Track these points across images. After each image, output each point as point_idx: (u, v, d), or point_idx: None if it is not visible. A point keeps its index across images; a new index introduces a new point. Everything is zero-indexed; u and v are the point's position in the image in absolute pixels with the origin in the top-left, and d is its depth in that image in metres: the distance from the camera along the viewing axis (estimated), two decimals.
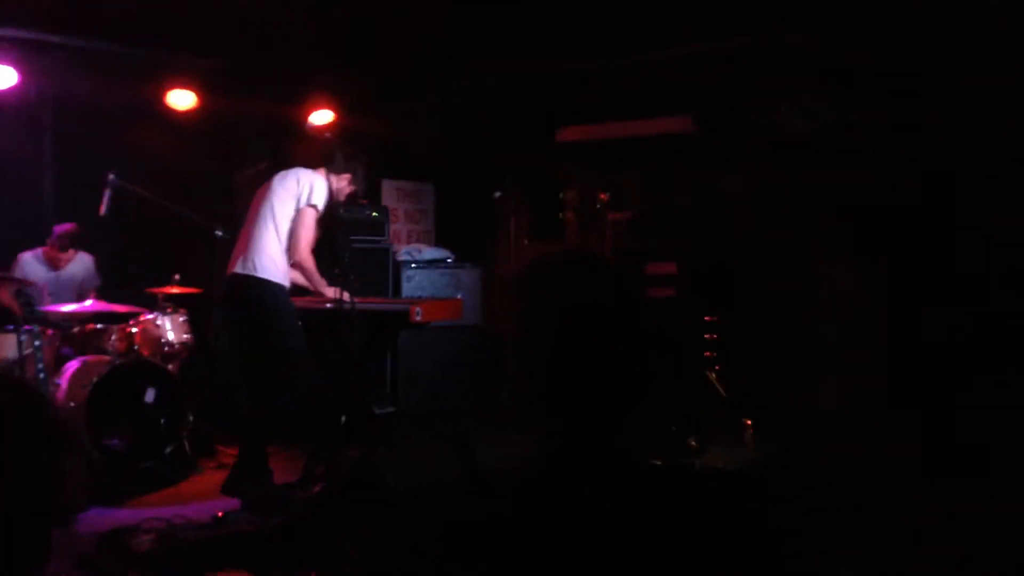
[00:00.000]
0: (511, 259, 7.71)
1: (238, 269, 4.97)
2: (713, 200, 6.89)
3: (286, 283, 5.02)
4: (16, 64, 6.17)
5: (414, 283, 7.16)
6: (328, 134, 5.33)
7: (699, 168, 6.96)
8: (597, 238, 7.51)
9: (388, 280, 7.12)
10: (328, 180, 5.14)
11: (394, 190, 8.19)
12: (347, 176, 5.24)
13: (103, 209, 5.79)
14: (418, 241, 8.07)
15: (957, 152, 5.14)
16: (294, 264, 5.06)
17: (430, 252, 7.45)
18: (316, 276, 5.14)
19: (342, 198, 5.29)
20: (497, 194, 6.66)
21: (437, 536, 1.32)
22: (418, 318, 5.12)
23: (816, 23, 5.56)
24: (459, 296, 6.80)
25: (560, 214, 7.98)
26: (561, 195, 7.99)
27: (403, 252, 7.39)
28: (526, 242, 7.72)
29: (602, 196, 7.28)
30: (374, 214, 7.23)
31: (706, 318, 6.51)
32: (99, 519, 4.68)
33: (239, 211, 5.39)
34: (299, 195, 5.01)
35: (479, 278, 7.36)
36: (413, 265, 7.23)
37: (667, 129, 6.93)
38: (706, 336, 6.48)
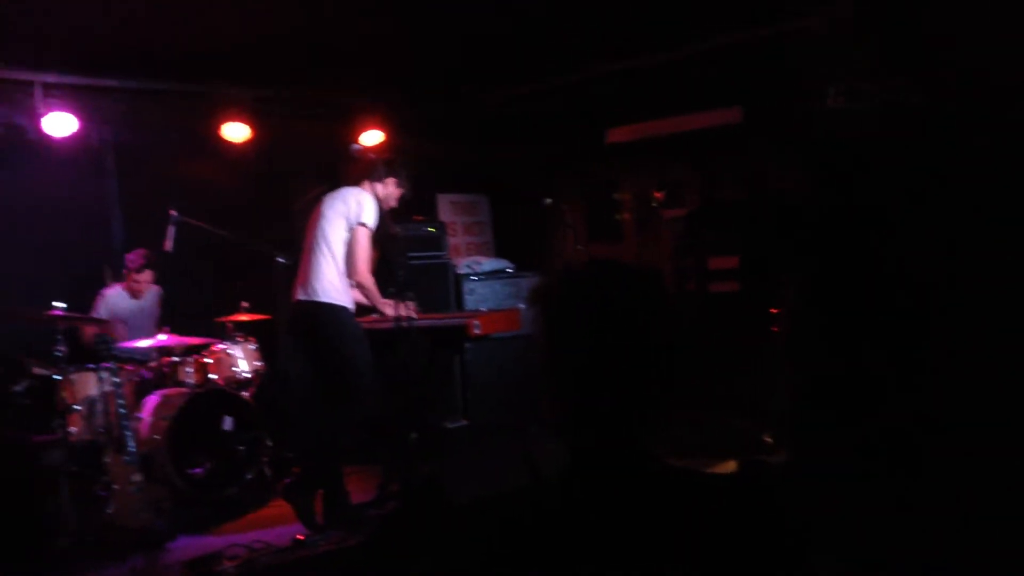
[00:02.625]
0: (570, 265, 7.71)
1: (300, 296, 5.08)
2: (768, 191, 6.82)
3: (349, 304, 5.11)
4: (76, 110, 6.38)
5: (476, 295, 7.21)
6: (371, 152, 5.41)
7: (751, 159, 6.90)
8: (654, 237, 7.49)
9: (450, 294, 7.18)
10: (374, 192, 5.21)
11: (449, 204, 8.26)
12: (392, 180, 5.30)
13: (168, 244, 5.97)
14: (477, 253, 8.13)
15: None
16: (354, 285, 5.14)
17: (489, 264, 7.50)
18: (376, 295, 5.22)
19: (394, 203, 5.35)
20: (547, 201, 6.68)
21: (495, 546, 1.36)
22: (477, 331, 5.16)
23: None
24: (520, 306, 6.83)
25: (616, 216, 7.98)
26: (616, 196, 7.98)
27: (463, 265, 7.44)
28: (583, 246, 7.72)
29: (656, 194, 7.25)
30: (431, 229, 7.31)
31: (772, 311, 6.43)
32: (186, 547, 4.83)
33: (298, 236, 5.51)
34: (348, 215, 5.09)
35: None
36: (473, 278, 7.28)
37: (716, 122, 6.88)
38: (774, 329, 6.40)
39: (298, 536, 4.44)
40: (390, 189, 5.30)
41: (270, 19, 5.68)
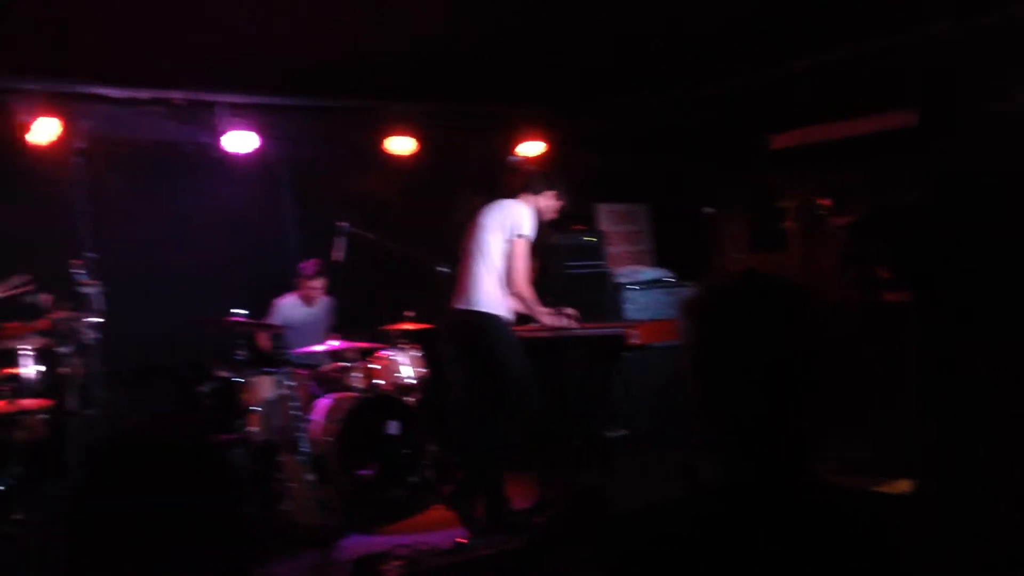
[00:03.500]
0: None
1: (459, 305, 5.20)
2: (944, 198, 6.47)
3: (505, 314, 5.19)
4: (254, 128, 6.76)
5: (635, 305, 7.18)
6: (529, 164, 5.48)
7: (926, 164, 6.58)
8: (821, 246, 7.26)
9: (609, 304, 7.17)
10: (533, 204, 5.27)
11: (608, 213, 8.27)
12: (551, 193, 5.34)
13: (338, 255, 6.23)
14: (636, 263, 8.09)
15: None
16: (512, 295, 5.22)
17: (649, 273, 7.45)
18: (535, 306, 5.27)
19: (553, 215, 5.41)
20: (708, 209, 6.58)
21: (653, 557, 1.36)
22: (635, 341, 5.14)
23: None
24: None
25: (780, 224, 7.78)
26: (780, 204, 7.78)
27: (622, 275, 7.42)
28: (745, 256, 7.56)
29: (824, 202, 7.03)
30: (589, 239, 7.33)
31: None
32: (355, 545, 5.02)
33: (459, 247, 5.64)
34: (506, 227, 5.17)
35: None
36: (633, 287, 7.25)
37: (888, 125, 6.61)
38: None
39: (459, 539, 4.54)
40: (549, 202, 5.36)
41: (432, 35, 5.85)
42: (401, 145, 7.25)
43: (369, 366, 6.23)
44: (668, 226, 8.34)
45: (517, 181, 5.43)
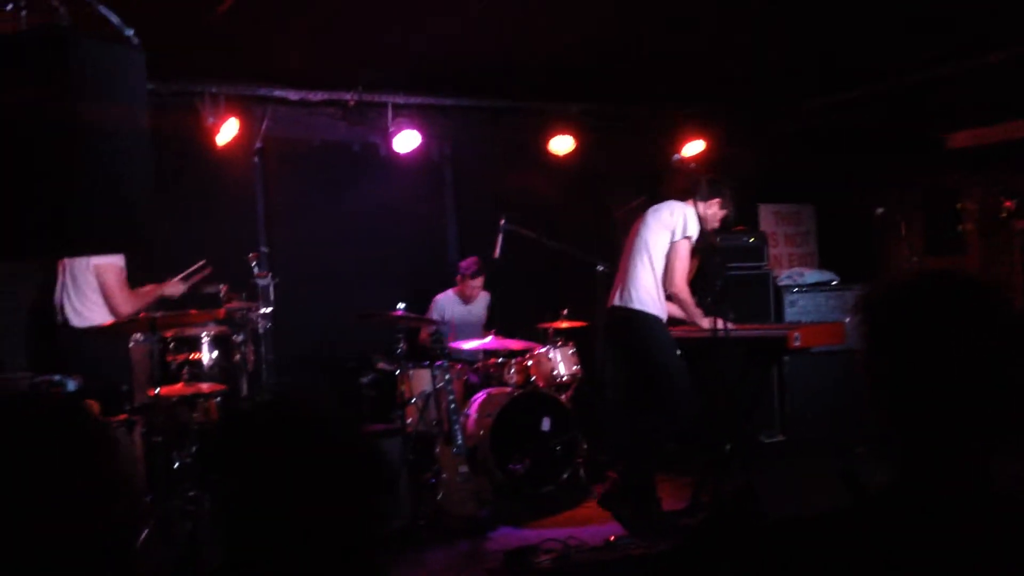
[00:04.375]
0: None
1: (616, 302, 5.20)
2: None
3: (662, 315, 5.16)
4: (420, 127, 6.95)
5: (797, 308, 6.97)
6: (693, 165, 5.40)
7: None
8: (1003, 249, 6.83)
9: (769, 306, 7.00)
10: (697, 209, 5.21)
11: (772, 214, 8.05)
12: (716, 201, 5.27)
13: (497, 252, 6.33)
14: (800, 265, 7.85)
15: None
16: (670, 296, 5.18)
17: (813, 275, 7.22)
18: (692, 308, 5.23)
19: (716, 224, 5.34)
20: (879, 210, 6.30)
21: (808, 566, 1.30)
22: (797, 344, 4.99)
23: None
24: (846, 320, 6.50)
25: (958, 226, 7.37)
26: (958, 206, 7.37)
27: (784, 277, 7.23)
28: (919, 258, 7.20)
29: (1007, 203, 6.61)
30: (751, 240, 7.16)
31: None
32: (505, 537, 5.09)
33: (618, 246, 5.63)
34: (672, 228, 5.14)
35: None
36: (795, 289, 7.04)
37: None
38: None
39: (610, 537, 4.52)
40: (713, 209, 5.28)
41: (596, 36, 5.86)
42: (562, 144, 7.30)
43: (524, 363, 6.29)
44: (835, 228, 8.04)
45: (682, 183, 5.39)
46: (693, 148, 7.26)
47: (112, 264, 5.37)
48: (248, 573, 1.36)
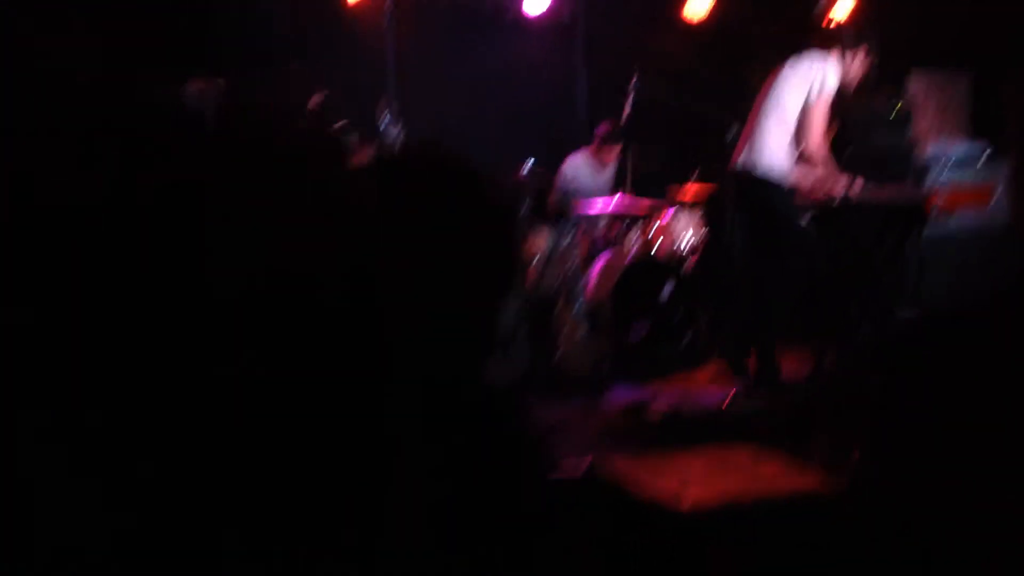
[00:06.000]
0: None
1: (740, 161, 4.99)
2: None
3: (788, 175, 4.92)
4: None
5: (943, 181, 6.58)
6: (836, 15, 5.07)
7: None
8: None
9: (913, 179, 6.62)
10: (841, 62, 4.90)
11: (922, 81, 7.54)
12: (860, 52, 4.93)
13: (626, 114, 6.18)
14: (949, 136, 7.37)
15: None
16: (803, 155, 4.94)
17: (962, 148, 6.78)
18: (827, 168, 4.97)
19: (859, 76, 5.02)
20: None
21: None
22: (939, 206, 4.71)
23: None
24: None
25: None
26: None
27: (931, 150, 6.82)
28: None
29: None
30: (897, 107, 6.75)
31: None
32: (622, 395, 5.12)
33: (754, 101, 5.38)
34: (812, 81, 4.85)
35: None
36: (942, 163, 6.64)
37: None
38: None
39: (727, 395, 4.50)
40: (857, 60, 4.95)
41: None
42: (700, 4, 6.99)
43: (650, 227, 6.20)
44: (992, 98, 7.48)
45: (825, 37, 5.08)
46: (842, 7, 6.82)
47: None
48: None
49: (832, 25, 5.04)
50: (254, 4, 6.16)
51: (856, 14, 5.96)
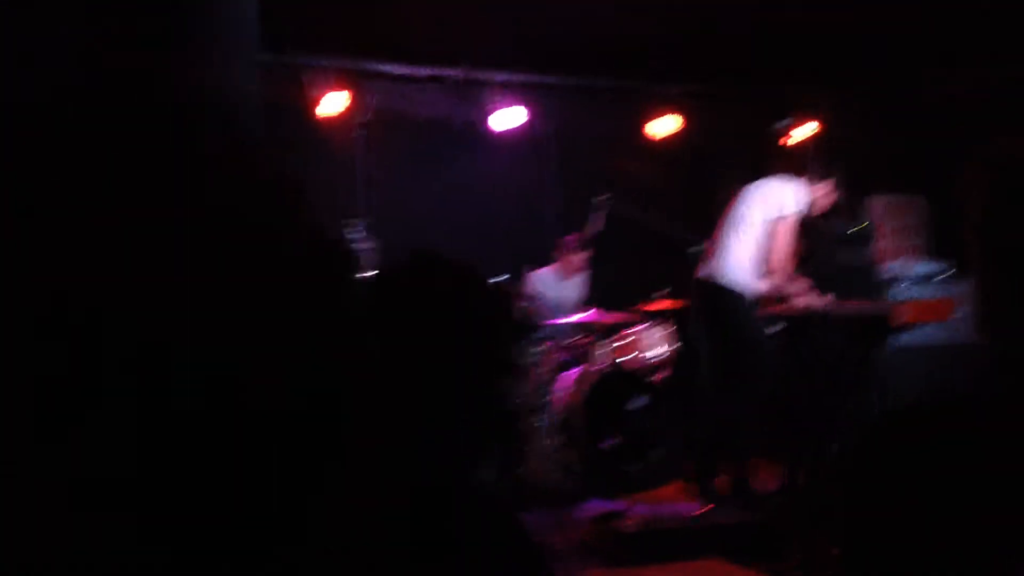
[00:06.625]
0: None
1: (703, 272, 5.07)
2: None
3: (751, 290, 5.00)
4: (526, 103, 6.96)
5: (903, 299, 6.70)
6: (804, 144, 5.28)
7: None
8: None
9: (874, 297, 6.74)
10: (809, 189, 5.05)
11: (881, 205, 7.77)
12: (826, 184, 5.10)
13: (596, 229, 6.29)
14: (908, 257, 7.55)
15: None
16: (768, 274, 5.02)
17: (922, 267, 6.94)
18: (788, 287, 5.06)
19: (825, 207, 5.17)
20: None
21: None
22: (901, 320, 4.80)
23: None
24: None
25: None
26: None
27: (891, 268, 6.97)
28: None
29: None
30: (858, 229, 6.93)
31: None
32: (592, 508, 5.04)
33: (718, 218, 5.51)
34: (780, 204, 4.98)
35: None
36: (903, 282, 6.78)
37: None
38: None
39: (697, 512, 4.44)
40: (821, 194, 5.12)
41: (699, 16, 5.77)
42: (665, 125, 7.21)
43: (618, 341, 6.23)
44: (948, 220, 7.69)
45: (792, 163, 5.25)
46: (804, 131, 7.07)
47: None
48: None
49: (796, 148, 5.22)
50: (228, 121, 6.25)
51: (818, 138, 6.17)
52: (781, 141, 5.30)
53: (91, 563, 1.11)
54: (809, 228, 5.22)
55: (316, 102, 6.59)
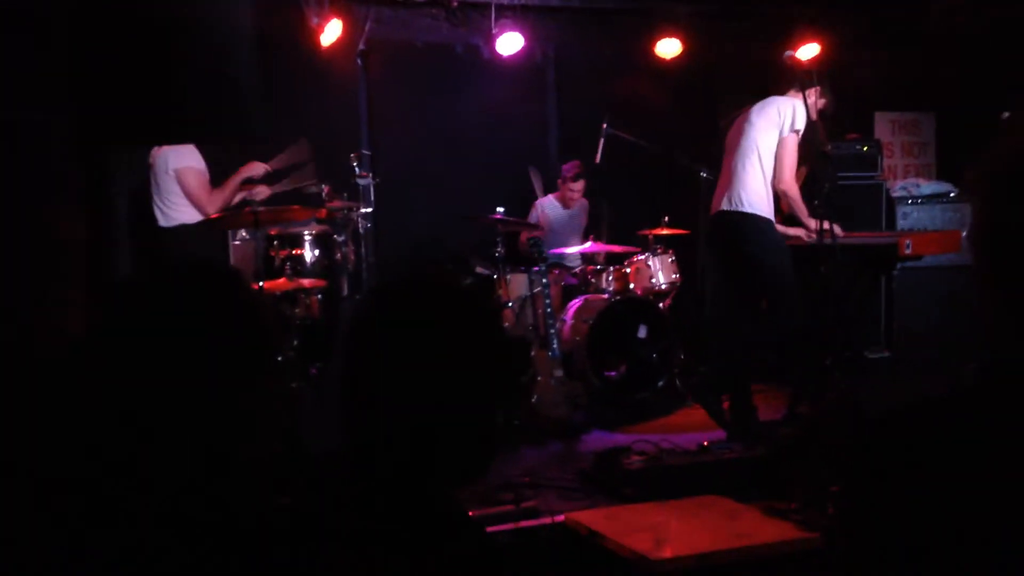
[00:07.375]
0: None
1: (724, 206, 5.05)
2: None
3: (772, 216, 5.02)
4: (523, 29, 6.82)
5: (911, 220, 6.67)
6: (797, 60, 5.18)
7: None
8: None
9: (881, 218, 6.70)
10: (803, 101, 5.00)
11: (888, 122, 7.67)
12: (814, 90, 5.05)
13: (598, 157, 6.23)
14: (916, 176, 7.49)
15: None
16: (778, 191, 5.02)
17: (929, 186, 6.88)
18: (800, 205, 5.08)
19: (813, 115, 5.11)
20: (1005, 115, 5.92)
21: (914, 455, 1.21)
22: (908, 251, 4.79)
23: None
24: (963, 232, 6.19)
25: None
26: None
27: (898, 188, 6.91)
28: None
29: None
30: (864, 148, 6.86)
31: None
32: (598, 440, 5.12)
33: (724, 146, 5.45)
34: (781, 124, 4.95)
35: None
36: (909, 201, 6.73)
37: None
38: None
39: (703, 442, 4.49)
40: (813, 99, 5.06)
41: None
42: (669, 48, 7.06)
43: (623, 270, 6.23)
44: (956, 138, 7.60)
45: (786, 78, 5.19)
46: (808, 51, 6.92)
47: (190, 168, 5.44)
48: (369, 459, 1.39)
49: (794, 69, 5.13)
50: (222, 52, 6.15)
51: (817, 60, 6.05)
52: (787, 63, 5.20)
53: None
54: (814, 151, 5.17)
55: (316, 32, 6.46)
